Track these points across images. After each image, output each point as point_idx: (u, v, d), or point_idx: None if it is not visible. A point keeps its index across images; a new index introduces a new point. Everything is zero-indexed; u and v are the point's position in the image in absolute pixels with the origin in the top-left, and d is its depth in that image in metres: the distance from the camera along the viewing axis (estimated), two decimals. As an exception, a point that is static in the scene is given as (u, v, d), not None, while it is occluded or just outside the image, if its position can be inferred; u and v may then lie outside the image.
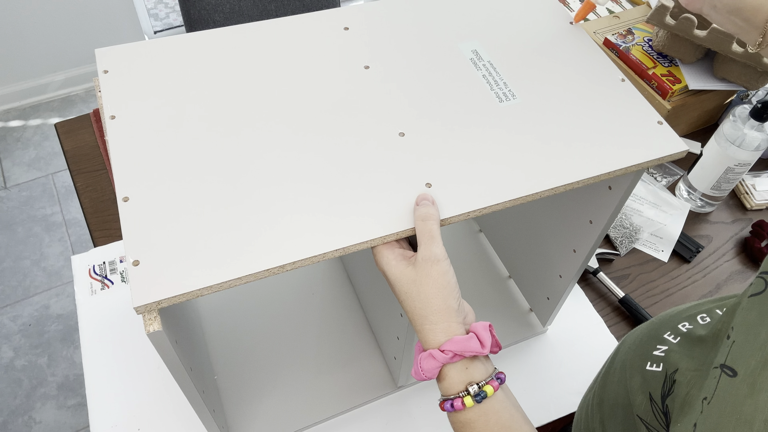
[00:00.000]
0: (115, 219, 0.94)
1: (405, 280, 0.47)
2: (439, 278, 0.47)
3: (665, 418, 0.48)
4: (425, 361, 0.46)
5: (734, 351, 0.39)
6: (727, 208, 1.02)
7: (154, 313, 0.43)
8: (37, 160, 2.07)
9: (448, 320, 0.46)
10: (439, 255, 0.47)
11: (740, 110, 0.91)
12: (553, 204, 0.71)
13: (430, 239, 0.47)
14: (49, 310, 1.70)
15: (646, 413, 0.50)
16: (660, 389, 0.49)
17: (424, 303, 0.47)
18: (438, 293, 0.46)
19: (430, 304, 0.47)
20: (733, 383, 0.38)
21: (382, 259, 0.49)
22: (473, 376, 0.46)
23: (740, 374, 0.38)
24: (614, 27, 1.14)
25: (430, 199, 0.49)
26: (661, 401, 0.49)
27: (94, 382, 0.77)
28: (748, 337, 0.39)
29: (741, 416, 0.36)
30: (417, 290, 0.47)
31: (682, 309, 0.55)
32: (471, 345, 0.45)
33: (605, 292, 0.91)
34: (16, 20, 2.00)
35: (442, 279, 0.47)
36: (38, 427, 1.50)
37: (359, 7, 0.65)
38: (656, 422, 0.49)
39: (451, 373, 0.46)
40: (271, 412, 0.75)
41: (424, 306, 0.47)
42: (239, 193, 0.48)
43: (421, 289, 0.47)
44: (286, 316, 0.84)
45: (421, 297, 0.47)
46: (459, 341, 0.45)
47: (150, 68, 0.57)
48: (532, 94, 0.58)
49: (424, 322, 0.47)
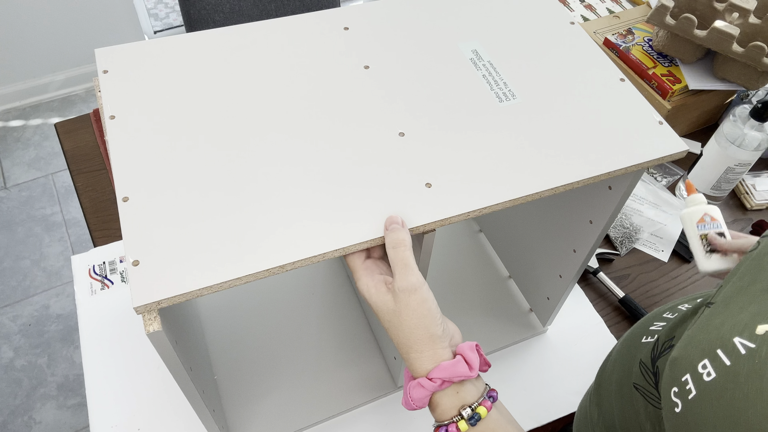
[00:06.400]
0: (115, 219, 0.94)
1: (386, 309, 0.47)
2: (418, 308, 0.46)
3: (654, 378, 0.49)
4: (414, 390, 0.46)
5: (719, 291, 0.42)
6: (727, 208, 1.02)
7: (154, 313, 0.43)
8: (37, 160, 2.07)
9: (433, 348, 0.46)
10: (415, 283, 0.46)
11: (740, 110, 0.91)
12: (553, 204, 0.71)
13: (404, 268, 0.46)
14: (49, 310, 1.70)
15: (639, 378, 0.52)
16: (650, 353, 0.51)
17: (407, 333, 0.46)
18: (419, 323, 0.46)
19: (413, 334, 0.46)
20: (710, 310, 0.41)
21: (362, 287, 0.48)
22: (465, 399, 0.45)
23: (717, 302, 0.41)
24: (614, 27, 1.14)
25: (399, 221, 0.47)
26: (651, 363, 0.50)
27: (94, 382, 0.77)
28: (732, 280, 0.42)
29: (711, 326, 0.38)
30: (398, 321, 0.46)
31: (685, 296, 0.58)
32: (459, 369, 0.45)
33: (605, 292, 0.91)
34: (16, 20, 2.00)
35: (421, 308, 0.46)
36: (38, 427, 1.50)
37: (359, 7, 0.65)
38: (646, 383, 0.50)
39: (442, 400, 0.46)
40: (271, 412, 0.75)
41: (407, 336, 0.46)
42: (239, 193, 0.48)
43: (402, 320, 0.46)
44: (286, 316, 0.84)
45: (403, 327, 0.46)
46: (446, 367, 0.45)
47: (150, 68, 0.57)
48: (532, 94, 0.58)
49: (409, 351, 0.46)
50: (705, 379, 0.36)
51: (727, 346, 0.36)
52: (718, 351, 0.36)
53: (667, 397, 0.40)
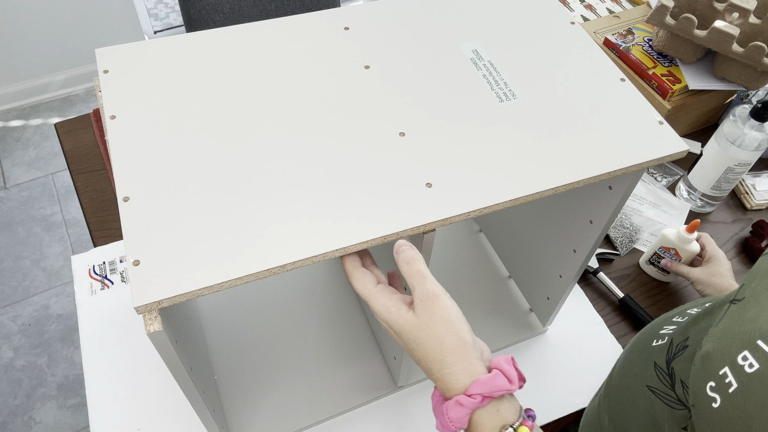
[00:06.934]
0: (115, 219, 0.94)
1: (409, 326, 0.44)
2: (443, 314, 0.44)
3: (670, 379, 0.48)
4: (453, 410, 0.42)
5: (743, 289, 0.41)
6: (727, 208, 1.02)
7: (155, 312, 0.43)
8: (37, 160, 2.07)
9: (467, 358, 0.43)
10: (436, 291, 0.45)
11: (740, 110, 0.91)
12: (553, 204, 0.71)
13: (421, 278, 0.45)
14: (49, 310, 1.70)
15: (653, 380, 0.51)
16: (665, 355, 0.50)
17: (436, 345, 0.43)
18: (448, 330, 0.43)
19: (443, 344, 0.43)
20: (739, 306, 0.40)
21: (381, 309, 0.46)
22: (506, 418, 0.42)
23: (746, 297, 0.40)
24: (614, 27, 1.14)
25: (406, 244, 0.47)
26: (666, 365, 0.49)
27: (94, 382, 0.77)
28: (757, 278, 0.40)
29: (745, 319, 0.38)
30: (425, 333, 0.43)
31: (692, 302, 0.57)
32: (499, 383, 0.42)
33: (605, 292, 0.91)
34: (16, 20, 2.00)
35: (447, 314, 0.44)
36: (38, 427, 1.50)
37: (359, 7, 0.65)
38: (662, 385, 0.49)
39: (482, 419, 0.42)
40: (271, 412, 0.75)
41: (437, 348, 0.43)
42: (239, 192, 0.48)
43: (429, 331, 0.43)
44: (286, 316, 0.84)
45: (431, 340, 0.43)
46: (485, 381, 0.42)
47: (150, 68, 0.57)
48: (532, 94, 0.58)
49: (442, 367, 0.43)
50: (747, 370, 0.35)
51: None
52: (759, 342, 0.35)
53: (702, 394, 0.38)
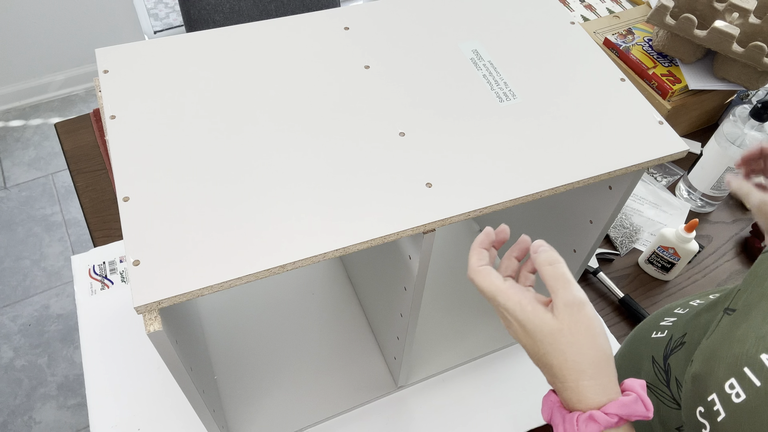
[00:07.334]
0: (115, 219, 0.94)
1: (548, 329, 0.42)
2: (589, 324, 0.41)
3: (665, 375, 0.48)
4: (586, 424, 0.40)
5: (738, 295, 0.40)
6: (727, 208, 1.02)
7: (155, 312, 0.43)
8: (37, 160, 2.07)
9: (607, 375, 0.41)
10: (582, 298, 0.42)
11: (740, 110, 0.91)
12: (553, 204, 0.71)
13: (566, 282, 0.43)
14: (49, 310, 1.70)
15: (650, 376, 0.50)
16: (663, 350, 0.49)
17: (577, 355, 0.41)
18: (592, 342, 0.41)
19: (585, 355, 0.41)
20: (731, 318, 0.39)
21: (513, 306, 0.43)
22: None
23: (738, 309, 0.39)
24: (614, 27, 1.14)
25: (546, 244, 0.45)
26: (663, 360, 0.49)
27: (94, 382, 0.77)
28: (753, 284, 0.40)
29: (734, 338, 0.37)
30: (567, 340, 0.41)
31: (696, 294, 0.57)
32: (638, 409, 0.40)
33: (605, 292, 0.91)
34: (16, 20, 2.00)
35: (593, 325, 0.42)
36: (38, 427, 1.50)
37: (359, 7, 0.65)
38: (658, 381, 0.48)
39: None
40: (271, 412, 0.75)
41: (578, 359, 0.41)
42: (239, 192, 0.48)
43: (572, 339, 0.41)
44: (286, 316, 0.84)
45: (573, 348, 0.41)
46: (627, 404, 0.40)
47: (150, 68, 0.57)
48: (532, 94, 0.58)
49: (580, 378, 0.41)
50: (734, 400, 0.34)
51: (755, 364, 0.34)
52: (746, 369, 0.34)
53: (692, 418, 0.38)
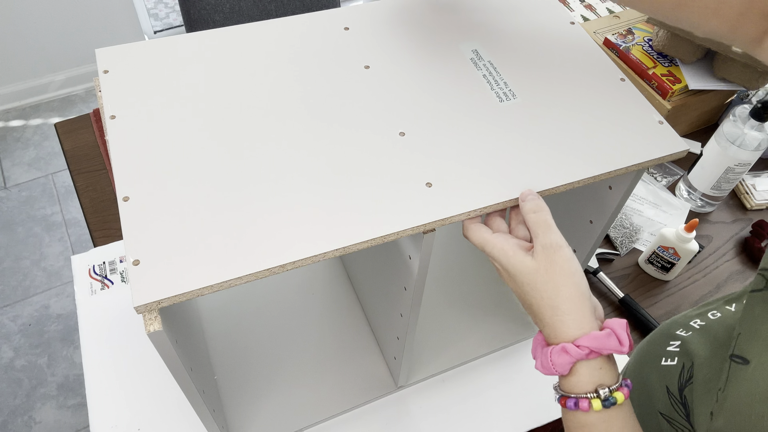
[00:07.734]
0: (115, 219, 0.94)
1: (526, 270, 0.45)
2: (564, 264, 0.45)
3: (684, 409, 0.47)
4: (558, 355, 0.43)
5: (741, 342, 0.40)
6: (727, 208, 1.02)
7: (155, 312, 0.43)
8: (37, 160, 2.07)
9: (581, 310, 0.44)
10: (559, 241, 0.46)
11: (740, 110, 0.91)
12: (553, 204, 0.70)
13: (547, 227, 0.46)
14: (49, 310, 1.70)
15: (666, 407, 0.50)
16: (677, 381, 0.49)
17: (552, 292, 0.44)
18: (568, 280, 0.44)
19: (559, 292, 0.44)
20: (746, 370, 0.39)
21: (497, 253, 0.47)
22: (603, 379, 0.43)
23: (753, 362, 0.38)
24: (614, 27, 1.14)
25: (533, 193, 0.49)
26: (679, 393, 0.48)
27: (94, 382, 0.77)
28: (752, 330, 0.40)
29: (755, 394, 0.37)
30: (542, 279, 0.45)
31: (690, 310, 0.56)
32: (610, 343, 0.42)
33: (605, 292, 0.91)
34: (16, 20, 2.00)
35: (568, 265, 0.45)
36: (38, 427, 1.50)
37: (359, 7, 0.65)
38: (677, 414, 0.48)
39: (582, 371, 0.43)
40: (271, 412, 0.75)
41: (552, 295, 0.44)
42: (239, 192, 0.48)
43: (547, 278, 0.44)
44: (286, 316, 0.84)
45: (548, 286, 0.44)
46: (598, 337, 0.42)
47: (150, 68, 0.57)
48: (532, 94, 0.58)
49: (554, 313, 0.44)
50: None
51: None
52: None
53: None
